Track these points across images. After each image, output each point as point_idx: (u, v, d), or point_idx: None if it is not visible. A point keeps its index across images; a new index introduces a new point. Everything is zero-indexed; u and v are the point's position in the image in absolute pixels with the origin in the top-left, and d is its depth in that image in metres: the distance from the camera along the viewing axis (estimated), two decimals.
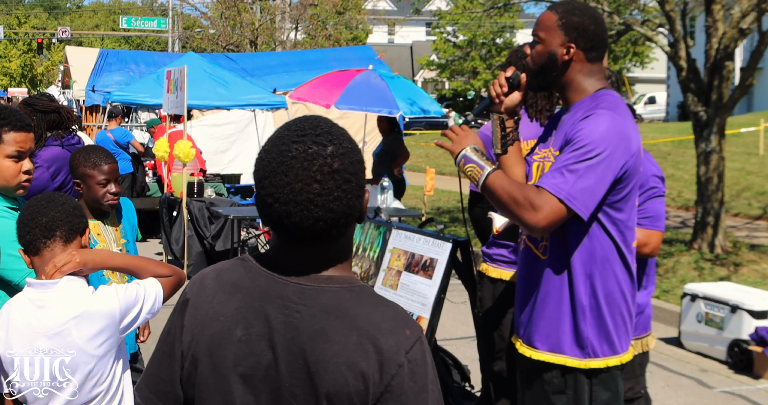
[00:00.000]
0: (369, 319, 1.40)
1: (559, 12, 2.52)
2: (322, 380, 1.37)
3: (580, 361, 2.46)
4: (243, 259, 1.51)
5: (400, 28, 45.20)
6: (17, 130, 2.69)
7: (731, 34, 8.46)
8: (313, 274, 1.44)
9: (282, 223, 1.41)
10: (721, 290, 6.21)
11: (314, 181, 1.38)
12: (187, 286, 1.54)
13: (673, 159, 17.16)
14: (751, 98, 32.32)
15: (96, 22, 69.95)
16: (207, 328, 1.46)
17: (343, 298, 1.42)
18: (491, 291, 3.49)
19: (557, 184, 2.35)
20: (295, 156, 1.39)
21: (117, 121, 11.07)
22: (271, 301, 1.43)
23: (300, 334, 1.39)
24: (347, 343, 1.37)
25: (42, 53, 41.92)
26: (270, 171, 1.40)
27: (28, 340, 2.16)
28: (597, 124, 2.38)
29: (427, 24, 49.18)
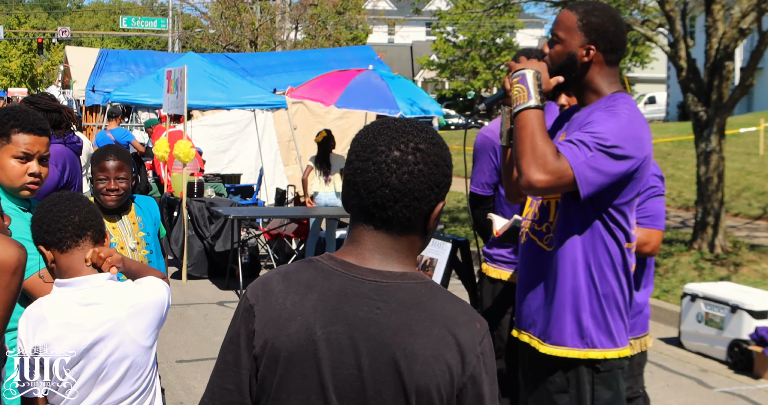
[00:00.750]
0: (446, 313, 1.45)
1: (580, 12, 2.49)
2: (411, 374, 1.39)
3: (580, 351, 2.47)
4: (310, 261, 1.50)
5: (400, 28, 45.20)
6: (27, 132, 2.70)
7: (731, 34, 8.47)
8: (387, 271, 1.47)
9: (354, 180, 1.46)
10: (721, 290, 6.21)
11: (400, 150, 1.46)
12: (248, 292, 1.50)
13: (673, 159, 17.16)
14: (751, 98, 32.33)
15: (96, 22, 69.95)
16: (283, 329, 1.43)
17: (419, 292, 1.46)
18: (491, 291, 3.49)
19: (575, 154, 2.33)
20: (397, 127, 1.48)
21: (117, 121, 11.08)
22: (349, 299, 1.43)
23: (383, 330, 1.41)
24: (431, 336, 1.41)
25: (42, 53, 41.96)
26: (363, 133, 1.50)
27: (77, 341, 2.17)
28: (614, 120, 2.38)
29: (427, 24, 49.18)
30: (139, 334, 2.23)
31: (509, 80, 2.60)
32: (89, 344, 2.16)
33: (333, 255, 1.50)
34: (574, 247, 2.46)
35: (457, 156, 21.84)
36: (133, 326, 2.21)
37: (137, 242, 3.37)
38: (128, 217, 3.42)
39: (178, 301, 7.64)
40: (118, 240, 3.33)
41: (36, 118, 2.78)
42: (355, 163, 1.47)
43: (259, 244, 9.28)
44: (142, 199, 3.56)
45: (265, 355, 1.44)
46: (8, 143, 2.68)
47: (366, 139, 1.47)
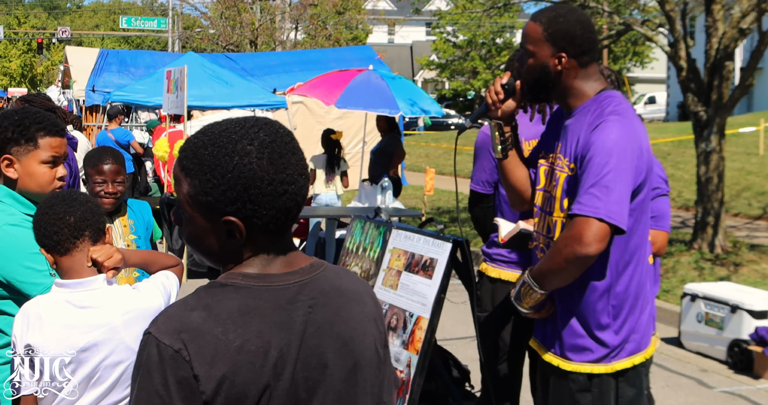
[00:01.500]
0: (355, 288, 1.57)
1: (544, 22, 2.49)
2: (358, 354, 1.51)
3: (606, 366, 2.47)
4: (222, 285, 1.43)
5: (400, 28, 45.18)
6: (52, 135, 2.60)
7: (731, 34, 8.46)
8: (299, 269, 1.49)
9: (296, 201, 1.45)
10: (721, 290, 6.21)
11: (296, 149, 1.48)
12: (164, 339, 1.35)
13: (673, 159, 17.15)
14: (751, 98, 32.32)
15: (96, 22, 69.94)
16: (239, 364, 1.36)
17: (330, 278, 1.53)
18: (490, 290, 3.49)
19: (594, 206, 2.31)
20: (272, 139, 1.45)
21: (117, 121, 11.08)
22: (284, 309, 1.43)
23: (322, 326, 1.46)
24: (357, 315, 1.53)
25: (42, 53, 41.93)
26: (266, 163, 1.42)
27: (71, 343, 2.15)
28: (608, 134, 2.36)
29: (427, 24, 49.17)
30: (135, 340, 2.18)
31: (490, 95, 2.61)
32: (82, 347, 2.15)
33: (240, 272, 1.45)
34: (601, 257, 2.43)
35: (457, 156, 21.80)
36: (128, 333, 2.18)
37: (128, 245, 3.36)
38: (120, 220, 3.41)
39: None
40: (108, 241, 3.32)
41: (54, 118, 2.69)
42: (288, 191, 1.43)
43: None
44: (135, 203, 3.55)
45: (222, 396, 1.35)
46: (36, 148, 2.57)
47: (271, 167, 1.42)
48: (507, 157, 2.65)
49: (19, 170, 2.57)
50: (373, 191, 8.71)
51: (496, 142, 2.66)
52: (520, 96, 2.61)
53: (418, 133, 30.64)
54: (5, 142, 2.56)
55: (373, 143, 10.99)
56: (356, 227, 4.05)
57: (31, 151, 2.56)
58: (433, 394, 3.97)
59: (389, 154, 9.17)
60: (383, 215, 3.94)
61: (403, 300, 3.52)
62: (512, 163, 2.66)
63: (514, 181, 2.69)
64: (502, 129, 2.65)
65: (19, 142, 2.56)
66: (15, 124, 2.57)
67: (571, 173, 2.45)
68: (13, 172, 2.57)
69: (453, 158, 2.45)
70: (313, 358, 1.44)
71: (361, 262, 3.90)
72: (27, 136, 2.56)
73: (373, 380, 1.55)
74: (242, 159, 1.39)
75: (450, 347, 5.28)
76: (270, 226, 1.43)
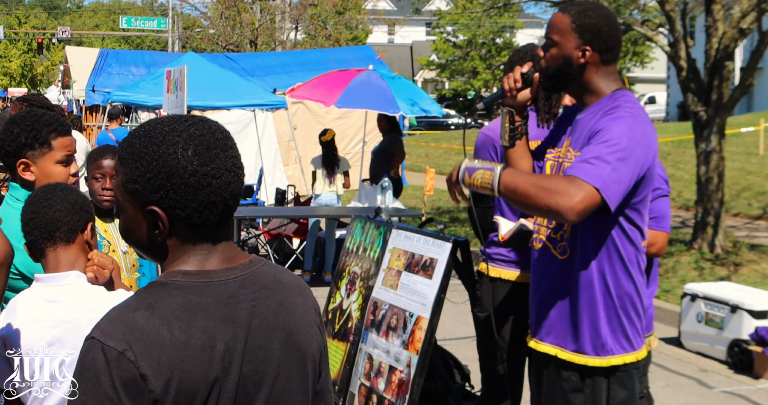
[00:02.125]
0: (295, 282, 1.61)
1: (573, 14, 2.49)
2: (301, 345, 1.54)
3: (601, 359, 2.48)
4: (164, 285, 1.44)
5: (400, 28, 45.19)
6: (63, 135, 2.68)
7: (731, 34, 8.47)
8: (239, 264, 1.51)
9: (221, 197, 1.45)
10: (721, 290, 6.21)
11: (228, 147, 1.50)
12: (107, 342, 1.35)
13: (673, 159, 17.16)
14: (751, 98, 32.32)
15: (96, 22, 69.95)
16: (187, 360, 1.37)
17: (270, 272, 1.56)
18: (490, 290, 3.49)
19: (593, 173, 2.28)
20: (202, 133, 1.47)
21: (118, 122, 11.08)
22: (227, 304, 1.44)
23: (267, 318, 1.49)
24: (298, 307, 1.57)
25: (42, 53, 41.95)
26: (191, 154, 1.44)
27: (37, 336, 2.15)
28: (621, 123, 2.37)
29: (427, 24, 49.16)
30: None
31: (508, 82, 2.61)
32: (48, 342, 2.14)
33: (180, 270, 1.46)
34: (588, 255, 2.46)
35: (458, 156, 21.83)
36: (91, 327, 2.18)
37: (128, 247, 3.35)
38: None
39: None
40: (110, 242, 3.30)
41: (61, 117, 2.75)
42: (211, 184, 1.43)
43: (259, 244, 9.28)
44: None
45: (172, 394, 1.35)
46: (50, 150, 2.65)
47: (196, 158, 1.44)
48: (514, 145, 2.65)
49: (35, 172, 2.66)
50: (373, 191, 8.71)
51: (505, 129, 2.66)
52: (536, 88, 2.62)
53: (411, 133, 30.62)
54: (20, 148, 2.65)
55: (374, 143, 11.00)
56: (356, 227, 4.05)
57: (47, 153, 2.66)
58: (433, 394, 3.97)
59: (390, 154, 9.18)
60: (383, 215, 3.94)
61: (403, 300, 3.52)
62: (518, 152, 2.66)
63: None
64: (513, 117, 2.65)
65: (33, 146, 2.65)
66: (27, 129, 2.64)
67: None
68: (30, 174, 2.66)
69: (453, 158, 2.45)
70: (259, 350, 1.46)
71: (361, 262, 3.90)
72: (41, 140, 2.65)
73: (319, 369, 1.61)
74: (168, 148, 1.42)
75: (450, 347, 5.28)
76: (194, 219, 1.44)
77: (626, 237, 2.46)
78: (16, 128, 2.65)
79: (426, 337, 3.34)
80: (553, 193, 2.28)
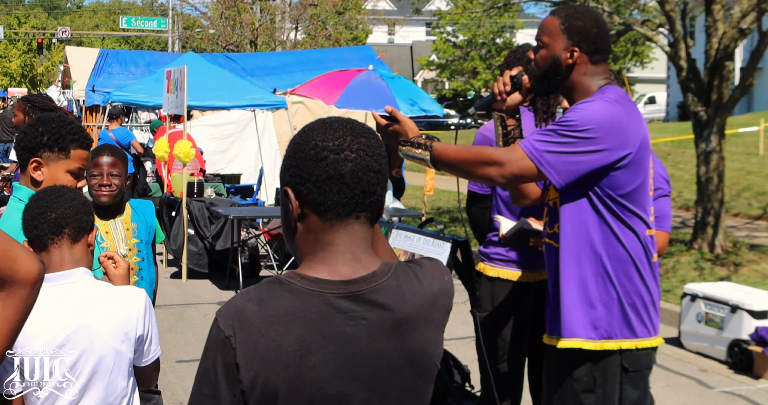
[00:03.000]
0: (421, 294, 1.51)
1: (562, 16, 2.56)
2: (418, 366, 1.49)
3: (595, 342, 2.48)
4: (281, 283, 1.45)
5: (400, 28, 45.18)
6: (84, 149, 2.74)
7: (731, 34, 8.47)
8: (359, 278, 1.46)
9: (338, 172, 1.44)
10: (721, 290, 6.21)
11: (361, 135, 1.49)
12: (221, 323, 1.43)
13: (673, 159, 17.16)
14: (751, 98, 32.32)
15: (96, 22, 69.94)
16: (275, 362, 1.40)
17: (392, 287, 1.48)
18: (489, 290, 3.49)
19: (530, 143, 2.43)
20: (338, 122, 1.50)
21: (119, 122, 11.08)
22: (332, 318, 1.43)
23: (375, 339, 1.45)
24: (419, 325, 1.49)
25: (42, 53, 41.96)
26: (316, 133, 1.47)
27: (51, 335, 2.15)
28: (588, 107, 2.44)
29: (427, 24, 49.16)
30: (111, 334, 2.19)
31: (497, 85, 2.65)
32: (60, 342, 2.14)
33: (301, 273, 1.47)
34: (578, 237, 2.48)
35: None
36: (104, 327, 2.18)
37: (129, 249, 3.35)
38: (123, 222, 3.39)
39: (178, 301, 7.64)
40: (110, 245, 3.30)
41: (86, 132, 2.81)
42: (328, 157, 1.44)
43: (259, 244, 9.28)
44: (140, 204, 3.52)
45: (257, 390, 1.40)
46: (67, 158, 2.70)
47: (320, 135, 1.46)
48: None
49: (45, 174, 2.69)
50: None
51: (498, 135, 2.71)
52: (526, 91, 2.66)
53: None
54: (38, 146, 2.69)
55: None
56: None
57: (62, 160, 2.70)
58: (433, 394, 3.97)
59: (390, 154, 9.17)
60: (385, 215, 3.94)
61: None
62: None
63: None
64: (504, 121, 2.70)
65: (53, 149, 2.69)
66: (51, 131, 2.69)
67: None
68: (39, 174, 2.70)
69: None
70: (365, 369, 1.44)
71: None
72: (61, 146, 2.69)
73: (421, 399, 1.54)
74: (302, 132, 1.49)
75: (450, 347, 5.28)
76: (315, 196, 1.44)
77: (625, 226, 2.48)
78: (42, 127, 2.71)
79: None
80: (486, 163, 2.44)
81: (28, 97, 4.03)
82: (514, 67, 2.74)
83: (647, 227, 2.53)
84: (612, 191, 2.45)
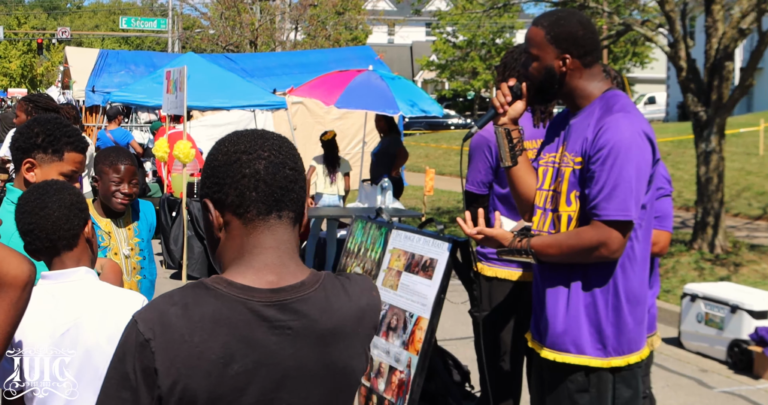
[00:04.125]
0: (350, 306, 1.51)
1: (545, 26, 2.54)
2: (341, 377, 1.48)
3: (603, 360, 2.49)
4: (207, 288, 1.43)
5: (400, 28, 45.16)
6: (78, 152, 2.75)
7: (731, 34, 8.47)
8: (287, 286, 1.45)
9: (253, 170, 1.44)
10: (721, 290, 6.21)
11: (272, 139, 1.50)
12: (140, 326, 1.39)
13: (673, 159, 17.16)
14: (751, 98, 32.32)
15: (96, 23, 69.93)
16: (196, 369, 1.37)
17: (319, 299, 1.47)
18: (487, 290, 3.49)
19: (606, 209, 2.40)
20: (248, 132, 1.51)
21: (117, 122, 11.08)
22: (258, 326, 1.41)
23: (301, 348, 1.44)
24: (346, 337, 1.48)
25: (42, 54, 41.93)
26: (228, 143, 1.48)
27: (46, 334, 2.15)
28: (617, 130, 2.40)
29: (427, 24, 49.14)
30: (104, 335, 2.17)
31: (498, 98, 2.64)
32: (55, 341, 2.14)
33: (228, 278, 1.44)
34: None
35: (457, 156, 21.82)
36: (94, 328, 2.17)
37: (131, 248, 3.37)
38: (124, 223, 3.42)
39: None
40: (113, 246, 3.32)
41: (82, 135, 2.80)
42: (241, 158, 1.44)
43: None
44: (142, 204, 3.55)
45: (175, 396, 1.37)
46: (60, 160, 2.70)
47: (230, 143, 1.48)
48: (517, 163, 2.67)
49: (38, 175, 2.69)
50: (373, 192, 8.71)
51: (505, 150, 2.67)
52: (527, 98, 2.66)
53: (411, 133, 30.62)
54: (32, 147, 2.69)
55: (373, 144, 11.00)
56: (358, 227, 4.05)
57: (55, 162, 2.70)
58: (433, 394, 3.97)
59: (391, 155, 9.18)
60: (384, 216, 3.94)
61: (403, 300, 3.52)
62: (522, 169, 2.68)
63: (525, 189, 2.69)
64: (510, 135, 2.67)
65: (47, 150, 2.69)
66: (46, 132, 2.69)
67: (577, 167, 2.49)
68: (32, 176, 2.69)
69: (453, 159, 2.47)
70: (286, 380, 1.43)
71: (362, 262, 3.90)
72: (55, 147, 2.69)
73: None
74: (216, 146, 1.50)
75: (450, 347, 5.28)
76: (232, 200, 1.43)
77: (640, 234, 2.49)
78: (37, 128, 2.70)
79: (426, 337, 3.34)
80: (592, 250, 2.42)
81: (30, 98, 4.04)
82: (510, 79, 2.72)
83: (647, 235, 2.55)
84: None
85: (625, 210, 2.37)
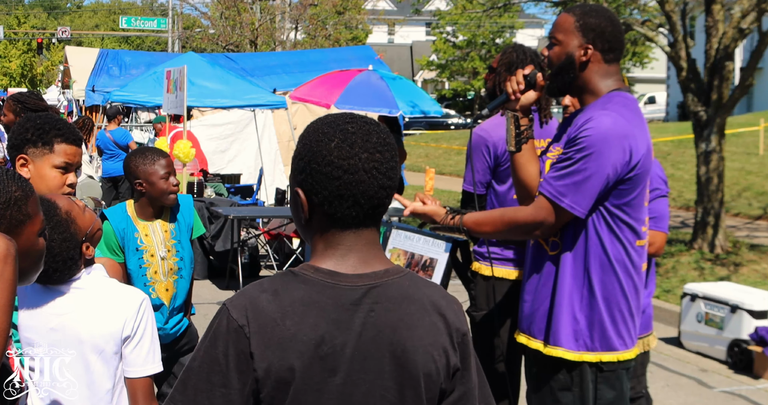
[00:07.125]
0: (432, 300, 1.55)
1: (577, 14, 2.56)
2: (415, 364, 1.49)
3: (575, 353, 2.49)
4: (295, 275, 1.50)
5: (400, 28, 45.19)
6: (69, 143, 2.74)
7: (731, 34, 8.47)
8: (372, 272, 1.52)
9: (351, 193, 1.48)
10: (721, 290, 6.21)
11: (376, 151, 1.50)
12: (233, 312, 1.46)
13: (673, 159, 17.16)
14: (751, 98, 32.33)
15: (96, 22, 69.93)
16: (290, 351, 1.44)
17: (403, 286, 1.53)
18: (484, 289, 3.49)
19: (545, 186, 2.48)
20: (355, 131, 1.50)
21: (117, 122, 11.08)
22: (346, 309, 1.47)
23: (381, 331, 1.48)
24: (425, 325, 1.52)
25: (42, 53, 41.91)
26: (333, 146, 1.48)
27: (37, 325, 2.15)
28: (597, 124, 2.42)
29: (427, 24, 49.16)
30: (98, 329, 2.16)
31: (511, 85, 2.63)
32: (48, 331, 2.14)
33: (315, 265, 1.52)
34: (574, 251, 2.49)
35: (458, 156, 21.83)
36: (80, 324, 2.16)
37: (168, 250, 3.41)
38: (161, 225, 3.45)
39: None
40: (149, 247, 3.36)
41: (73, 128, 2.81)
42: (342, 177, 1.47)
43: (259, 244, 9.27)
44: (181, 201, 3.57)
45: (272, 378, 1.43)
46: (51, 153, 2.71)
47: (336, 150, 1.48)
48: (521, 150, 2.67)
49: (32, 171, 2.71)
50: None
51: (511, 135, 2.69)
52: (540, 89, 2.66)
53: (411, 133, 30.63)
54: (24, 143, 2.72)
55: None
56: None
57: (46, 155, 2.70)
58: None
59: None
60: (384, 215, 3.93)
61: None
62: (525, 156, 2.69)
63: (525, 176, 2.70)
64: (518, 121, 2.68)
65: (37, 144, 2.71)
66: (36, 127, 2.72)
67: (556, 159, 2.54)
68: (26, 172, 2.71)
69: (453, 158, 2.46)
70: (367, 361, 1.47)
71: None
72: (44, 140, 2.70)
73: (442, 388, 1.54)
74: (317, 136, 1.50)
75: None
76: (326, 207, 1.49)
77: (614, 236, 2.48)
78: (28, 123, 2.74)
79: None
80: (523, 224, 2.54)
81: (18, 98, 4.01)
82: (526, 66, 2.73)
83: (638, 238, 2.53)
84: (608, 202, 2.46)
85: (563, 194, 2.43)
